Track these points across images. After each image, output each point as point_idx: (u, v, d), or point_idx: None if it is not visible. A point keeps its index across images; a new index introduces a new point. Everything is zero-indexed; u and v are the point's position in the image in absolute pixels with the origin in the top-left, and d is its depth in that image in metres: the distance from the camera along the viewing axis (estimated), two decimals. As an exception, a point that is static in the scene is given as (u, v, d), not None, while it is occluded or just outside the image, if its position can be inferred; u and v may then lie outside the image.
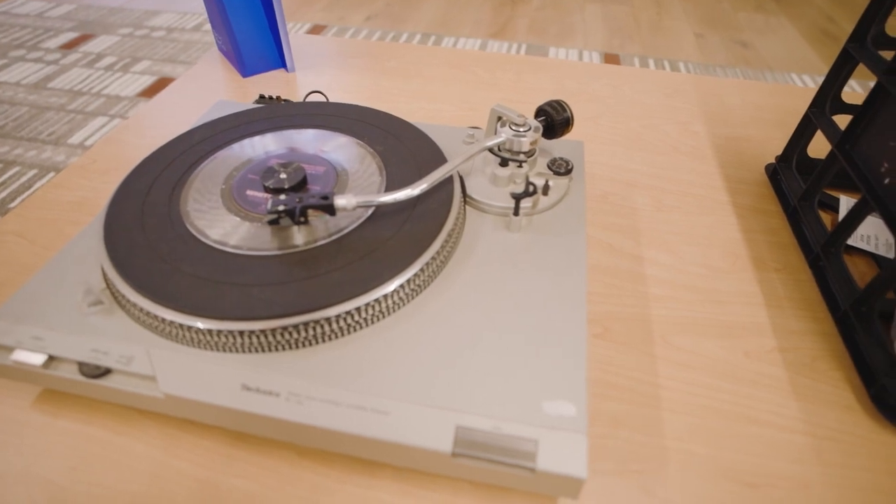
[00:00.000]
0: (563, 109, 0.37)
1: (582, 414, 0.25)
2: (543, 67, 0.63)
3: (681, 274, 0.39)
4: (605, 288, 0.37)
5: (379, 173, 0.36)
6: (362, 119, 0.41)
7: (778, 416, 0.31)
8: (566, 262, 0.33)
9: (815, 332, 0.36)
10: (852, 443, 0.30)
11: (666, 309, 0.36)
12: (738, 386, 0.32)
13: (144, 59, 1.00)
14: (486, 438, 0.25)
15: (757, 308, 0.37)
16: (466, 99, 0.57)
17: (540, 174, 0.38)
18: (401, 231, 0.32)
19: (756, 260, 0.40)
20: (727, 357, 0.34)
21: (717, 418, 0.31)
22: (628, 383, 0.32)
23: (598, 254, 0.40)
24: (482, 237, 0.34)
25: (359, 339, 0.28)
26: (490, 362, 0.27)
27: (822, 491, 0.28)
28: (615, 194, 0.45)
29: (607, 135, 0.52)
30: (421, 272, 0.30)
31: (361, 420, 0.25)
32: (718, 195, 0.46)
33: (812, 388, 0.33)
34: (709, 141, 0.52)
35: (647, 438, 0.30)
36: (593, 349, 0.34)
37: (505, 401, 0.26)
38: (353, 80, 0.59)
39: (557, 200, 0.37)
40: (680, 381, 0.32)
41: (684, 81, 0.62)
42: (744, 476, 0.28)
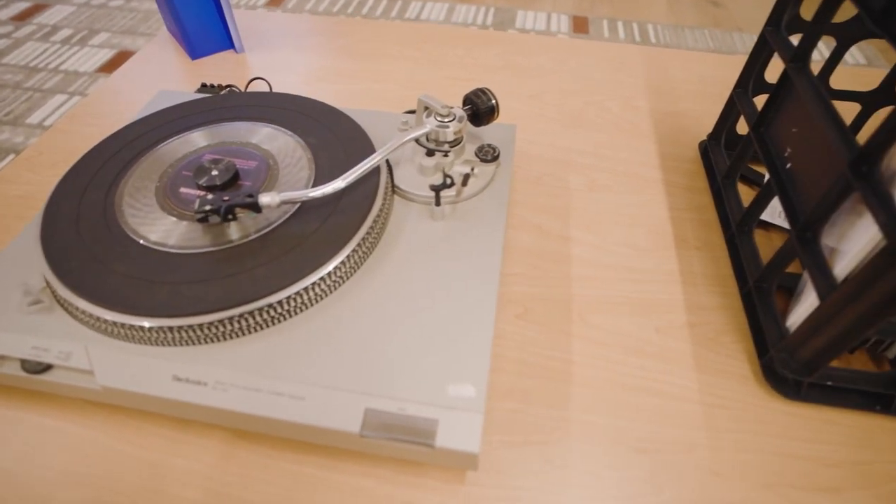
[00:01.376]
0: (487, 98, 0.39)
1: (481, 395, 0.28)
2: (493, 41, 0.63)
3: (605, 254, 0.41)
4: (530, 269, 0.40)
5: (309, 166, 0.37)
6: (297, 109, 0.42)
7: (677, 387, 0.34)
8: (483, 250, 0.35)
9: (724, 307, 0.38)
10: (742, 409, 0.33)
11: (586, 289, 0.39)
12: (645, 360, 0.35)
13: (102, 32, 0.98)
14: (392, 419, 0.27)
15: (673, 285, 0.39)
16: (414, 77, 0.57)
17: (467, 161, 0.39)
18: (325, 225, 0.34)
19: (679, 238, 0.42)
20: (639, 333, 0.36)
21: (620, 391, 0.34)
22: (543, 361, 0.35)
23: (527, 236, 0.42)
24: (407, 226, 0.36)
25: (283, 330, 0.31)
26: (402, 348, 0.30)
27: (704, 453, 0.31)
28: (550, 175, 0.47)
29: (550, 112, 0.53)
30: (342, 265, 0.32)
31: (279, 405, 0.28)
32: (652, 173, 0.47)
33: (713, 360, 0.35)
34: (650, 117, 0.54)
35: (554, 411, 0.33)
36: (514, 329, 0.36)
37: (413, 384, 0.28)
38: (302, 60, 0.59)
39: (483, 187, 0.38)
40: (591, 357, 0.35)
41: (632, 53, 0.62)
42: (636, 442, 0.31)
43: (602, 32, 1.07)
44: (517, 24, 1.07)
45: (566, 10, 1.14)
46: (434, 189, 0.34)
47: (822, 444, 0.32)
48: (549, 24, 1.08)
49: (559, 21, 1.10)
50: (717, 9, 1.17)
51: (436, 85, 0.57)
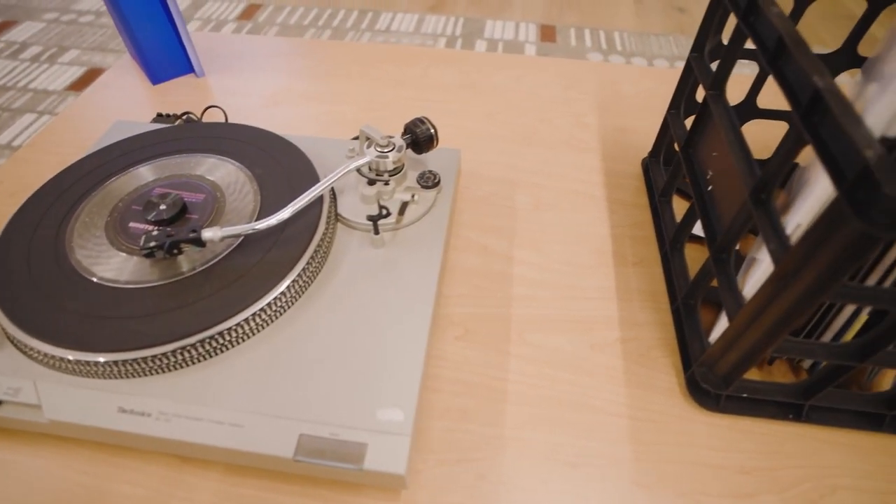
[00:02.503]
0: (426, 127, 0.40)
1: (409, 419, 0.30)
2: (451, 60, 0.65)
3: (546, 272, 0.43)
4: (473, 290, 0.41)
5: (255, 198, 0.39)
6: (246, 140, 0.44)
7: (607, 403, 0.36)
8: (419, 276, 0.36)
9: (656, 322, 0.40)
10: (667, 422, 0.35)
11: (526, 308, 0.40)
12: (579, 376, 0.37)
13: (72, 49, 0.99)
14: (324, 444, 0.29)
15: (609, 302, 0.41)
16: (373, 98, 0.59)
17: (409, 188, 0.41)
18: (267, 256, 0.35)
19: (618, 255, 0.44)
20: (574, 350, 0.38)
21: (553, 407, 0.35)
22: (481, 380, 0.37)
23: (472, 257, 0.43)
24: (349, 254, 0.38)
25: (225, 360, 0.32)
26: (337, 375, 0.31)
27: (629, 466, 0.33)
28: (497, 194, 0.48)
29: (502, 131, 0.55)
30: (282, 296, 0.34)
31: (219, 433, 0.29)
32: (596, 191, 0.49)
33: (643, 375, 0.37)
34: (598, 133, 0.55)
35: (489, 429, 0.34)
36: (454, 350, 0.38)
37: (346, 409, 0.30)
38: (263, 83, 0.61)
39: (423, 214, 0.40)
40: (527, 375, 0.37)
41: (585, 70, 0.64)
42: (567, 457, 0.33)
43: (569, 41, 1.09)
44: (486, 35, 1.09)
45: (534, 18, 1.16)
46: (370, 219, 0.36)
47: (739, 452, 0.34)
48: (518, 34, 1.10)
49: (527, 30, 1.12)
50: (683, 14, 1.19)
51: (394, 105, 0.58)
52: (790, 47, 0.27)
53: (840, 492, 0.32)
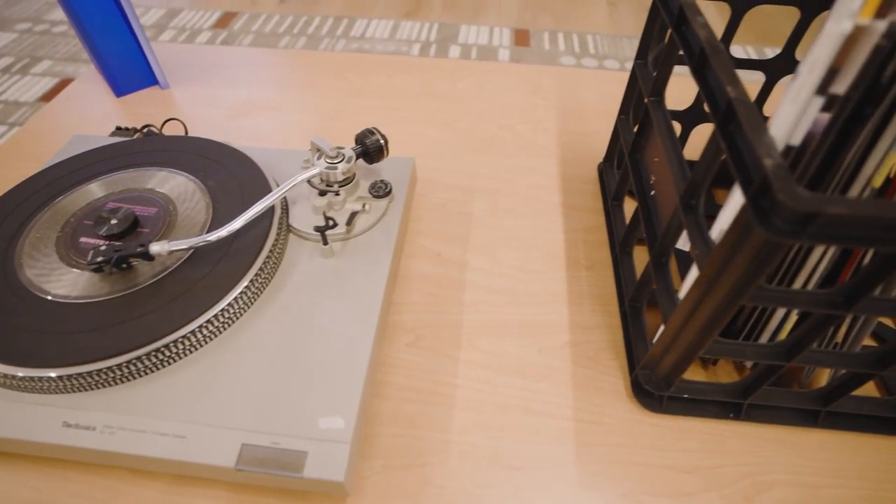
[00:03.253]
0: (376, 138, 0.41)
1: (349, 427, 0.30)
2: (415, 68, 0.66)
3: (498, 278, 0.43)
4: (425, 297, 0.42)
5: (206, 210, 0.39)
6: (200, 153, 0.44)
7: (554, 406, 0.36)
8: (366, 286, 0.37)
9: (606, 325, 0.41)
10: (612, 424, 0.36)
11: (477, 313, 0.41)
12: (526, 381, 0.38)
13: (45, 59, 0.99)
14: (266, 453, 0.29)
15: (560, 306, 0.42)
16: (336, 108, 0.59)
17: (360, 198, 0.42)
18: (215, 269, 0.36)
19: (571, 259, 0.45)
20: (522, 355, 0.39)
21: (500, 412, 0.36)
22: (430, 386, 0.37)
23: (426, 264, 0.44)
24: (300, 265, 0.38)
25: (172, 371, 0.33)
26: (282, 384, 0.32)
27: (572, 468, 0.33)
28: (454, 201, 0.49)
29: (461, 138, 0.56)
30: (229, 307, 0.34)
31: (162, 444, 0.30)
32: (552, 196, 0.50)
33: (590, 377, 0.38)
34: (557, 138, 0.56)
35: (436, 435, 0.35)
36: (404, 357, 0.39)
37: (289, 418, 0.31)
38: (227, 94, 0.61)
39: (374, 223, 0.41)
40: (475, 380, 0.37)
41: (548, 75, 0.65)
42: (510, 461, 0.34)
43: (543, 45, 1.10)
44: (460, 40, 1.10)
45: (509, 23, 1.17)
46: (317, 230, 0.37)
47: (681, 452, 0.34)
48: (492, 39, 1.11)
49: (501, 35, 1.13)
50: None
51: (356, 115, 0.59)
52: (709, 56, 0.28)
53: (777, 487, 0.33)
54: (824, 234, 0.22)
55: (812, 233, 0.22)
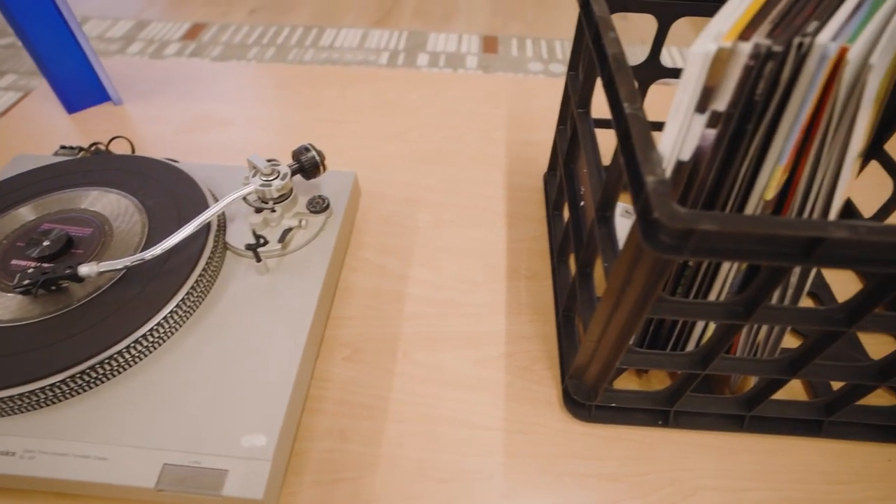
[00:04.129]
0: (311, 154, 0.41)
1: (271, 444, 0.30)
2: (367, 80, 0.66)
3: (439, 290, 0.44)
4: (365, 311, 0.42)
5: (142, 230, 0.40)
6: (142, 171, 0.44)
7: (485, 417, 0.37)
8: (299, 302, 0.37)
9: (542, 335, 0.41)
10: (543, 434, 0.36)
11: (415, 326, 0.41)
12: (460, 393, 0.38)
13: (9, 73, 0.99)
14: (186, 473, 0.30)
15: (498, 317, 0.42)
16: (287, 121, 0.60)
17: (298, 214, 0.42)
18: (146, 289, 0.36)
19: (512, 269, 0.45)
20: (458, 367, 0.39)
21: (432, 424, 0.36)
22: (364, 400, 0.37)
23: (367, 277, 0.44)
24: (235, 282, 0.38)
25: (97, 393, 0.33)
26: (208, 403, 0.32)
27: (500, 479, 0.34)
28: (400, 214, 0.49)
29: (410, 150, 0.56)
30: (159, 327, 0.34)
31: (84, 467, 0.30)
32: (497, 206, 0.51)
33: (524, 388, 0.38)
34: (506, 148, 0.57)
35: (368, 448, 0.35)
36: (340, 371, 0.39)
37: (212, 437, 0.31)
38: (180, 109, 0.61)
39: (311, 238, 0.41)
40: (409, 393, 0.38)
41: (501, 84, 0.65)
42: (439, 473, 0.34)
43: (511, 51, 1.10)
44: (429, 48, 1.11)
45: (479, 30, 1.18)
46: (249, 248, 0.37)
47: (610, 460, 0.35)
48: (461, 46, 1.12)
49: (470, 42, 1.13)
50: (625, 21, 1.22)
51: (308, 128, 0.59)
52: (614, 72, 0.29)
53: (701, 492, 0.34)
54: (703, 250, 0.23)
55: (692, 248, 0.23)
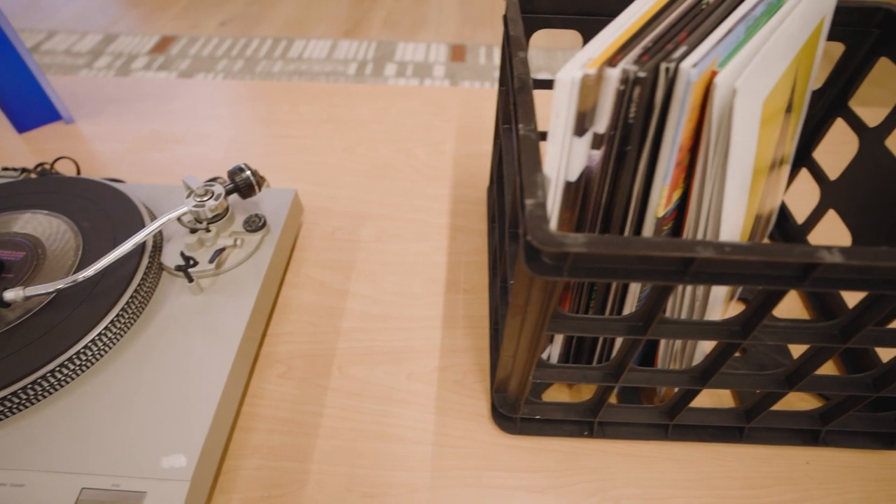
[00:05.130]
0: (245, 175, 0.41)
1: (191, 464, 0.31)
2: (320, 94, 0.66)
3: (377, 305, 0.44)
4: (303, 327, 0.43)
5: (76, 252, 0.40)
6: (80, 193, 0.44)
7: (415, 431, 0.37)
8: (229, 321, 0.37)
9: (476, 348, 0.42)
10: (471, 447, 0.37)
11: (352, 341, 0.42)
12: (392, 407, 0.38)
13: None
14: (104, 496, 0.30)
15: (434, 331, 0.43)
16: (238, 138, 0.60)
17: (234, 233, 0.42)
18: (75, 312, 0.36)
19: (451, 282, 0.46)
20: (391, 382, 0.40)
21: (362, 439, 0.37)
22: (296, 416, 0.38)
23: (308, 293, 0.45)
24: (168, 302, 0.39)
25: (21, 418, 0.33)
26: (130, 425, 0.32)
27: (426, 493, 0.34)
28: (344, 229, 0.50)
29: (359, 164, 0.57)
30: (86, 350, 0.34)
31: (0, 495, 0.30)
32: (440, 219, 0.51)
33: (455, 401, 0.39)
34: (453, 160, 0.57)
35: (297, 465, 0.36)
36: (274, 388, 0.39)
37: (133, 459, 0.31)
38: (132, 127, 0.62)
39: (247, 257, 0.41)
40: (341, 408, 0.38)
41: (451, 96, 0.66)
42: (366, 488, 0.35)
43: (478, 60, 1.11)
44: (397, 57, 1.11)
45: (448, 39, 1.19)
46: (178, 269, 0.37)
47: (535, 472, 0.35)
48: (428, 55, 1.12)
49: (438, 51, 1.14)
50: (592, 28, 1.23)
51: (259, 144, 0.60)
52: (517, 92, 0.30)
53: (624, 501, 0.34)
54: (581, 271, 0.23)
55: (570, 270, 0.23)
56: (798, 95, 0.36)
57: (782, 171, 0.41)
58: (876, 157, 0.39)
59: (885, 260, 0.21)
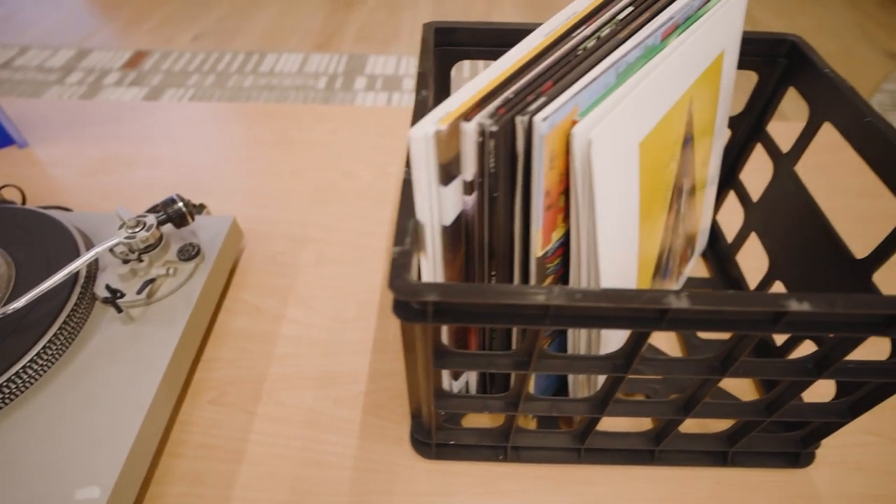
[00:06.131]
0: (178, 206, 0.43)
1: (105, 495, 0.32)
2: (272, 116, 0.68)
3: (311, 329, 0.45)
4: (236, 353, 0.44)
5: (7, 284, 0.41)
6: (17, 223, 0.45)
7: (337, 456, 0.38)
8: (157, 350, 0.39)
9: (403, 372, 0.43)
10: (391, 471, 0.38)
11: (283, 367, 0.43)
12: (316, 432, 0.39)
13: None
14: (17, 531, 0.31)
15: (363, 355, 0.44)
16: (189, 162, 0.61)
17: (168, 262, 0.43)
18: (2, 345, 0.37)
19: (384, 306, 0.47)
20: (317, 406, 0.41)
21: (284, 464, 0.38)
22: (223, 442, 0.39)
23: (243, 319, 0.46)
24: (99, 332, 0.40)
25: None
26: (48, 458, 0.33)
27: (341, 519, 0.35)
28: (284, 253, 0.51)
29: (304, 188, 0.58)
30: (9, 384, 0.35)
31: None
32: (380, 242, 0.52)
33: (378, 426, 0.40)
34: (397, 183, 0.59)
35: (219, 491, 0.37)
36: (204, 414, 0.40)
37: (48, 493, 0.32)
38: (87, 151, 0.63)
39: (179, 286, 0.42)
40: (267, 434, 0.39)
41: (401, 116, 0.67)
42: (284, 515, 0.36)
43: (448, 72, 1.13)
44: (367, 71, 1.12)
45: (419, 51, 1.20)
46: (105, 301, 0.38)
47: (452, 496, 0.36)
48: (398, 68, 1.13)
49: (408, 64, 1.15)
50: (563, 38, 1.24)
51: (208, 167, 0.61)
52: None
53: (533, 525, 0.35)
54: (445, 315, 0.24)
55: (433, 315, 0.24)
56: (701, 125, 0.37)
57: (698, 197, 0.42)
58: (785, 183, 0.40)
59: (727, 304, 0.22)
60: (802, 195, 0.39)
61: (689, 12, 0.34)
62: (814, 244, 0.37)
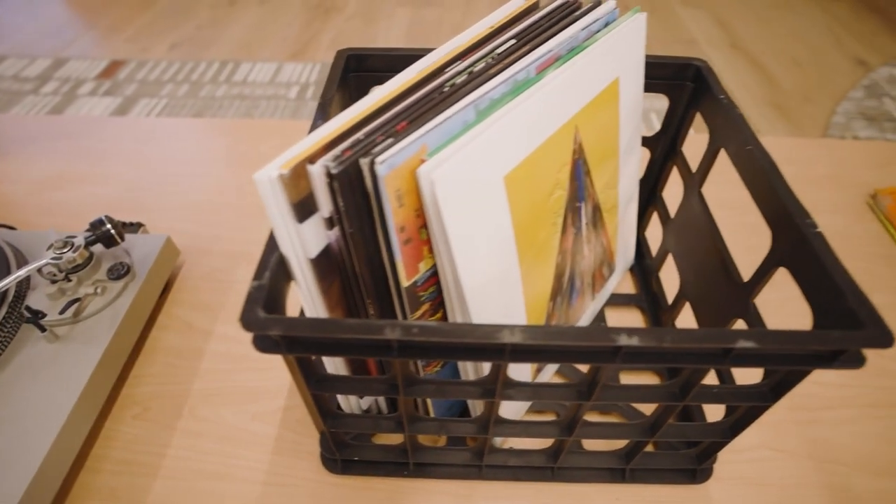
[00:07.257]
0: (107, 228, 0.44)
1: (9, 513, 0.33)
2: (226, 131, 0.69)
3: (239, 345, 0.47)
4: (165, 368, 0.45)
5: (-62, 304, 0.42)
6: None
7: (250, 471, 0.39)
8: (78, 368, 0.40)
9: (325, 387, 0.44)
10: (300, 486, 0.39)
11: (208, 382, 0.44)
12: (232, 447, 0.41)
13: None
14: (-76, 546, 0.32)
15: (285, 371, 0.45)
16: (137, 178, 0.63)
17: (97, 281, 0.45)
18: (-76, 364, 0.39)
19: (314, 321, 0.48)
20: (235, 422, 0.42)
21: (197, 479, 0.39)
22: (141, 457, 0.40)
23: (173, 335, 0.47)
24: (24, 350, 0.41)
25: None
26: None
27: (246, 533, 0.37)
28: (221, 270, 0.52)
29: (246, 203, 0.59)
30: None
31: None
32: (317, 257, 0.53)
33: (293, 441, 0.41)
34: (342, 197, 0.60)
35: (132, 506, 0.38)
36: (127, 429, 0.42)
37: (-43, 509, 0.34)
38: (38, 167, 0.64)
39: (107, 304, 0.44)
40: (185, 449, 0.41)
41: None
42: (192, 529, 0.37)
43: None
44: (339, 79, 1.14)
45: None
46: (27, 322, 0.40)
47: (356, 510, 0.38)
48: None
49: (380, 72, 1.17)
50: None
51: (156, 183, 0.62)
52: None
53: (432, 539, 0.36)
54: (297, 346, 0.26)
55: (287, 347, 0.26)
56: (599, 150, 0.38)
57: (608, 217, 0.43)
58: (693, 204, 0.41)
59: (560, 339, 0.23)
60: (705, 217, 0.39)
61: (574, 44, 0.34)
62: (711, 266, 0.38)
